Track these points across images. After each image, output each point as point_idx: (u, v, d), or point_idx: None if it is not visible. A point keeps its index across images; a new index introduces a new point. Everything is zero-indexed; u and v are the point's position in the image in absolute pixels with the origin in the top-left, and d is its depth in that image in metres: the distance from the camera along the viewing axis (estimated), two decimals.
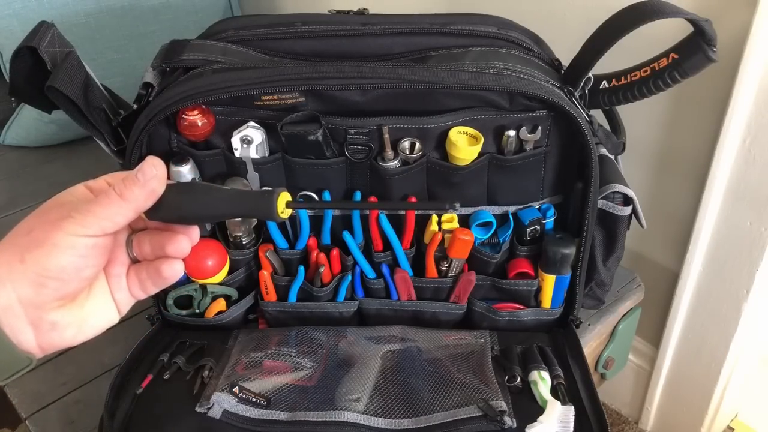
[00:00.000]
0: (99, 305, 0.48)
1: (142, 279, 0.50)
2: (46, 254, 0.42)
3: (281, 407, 0.69)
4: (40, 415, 0.81)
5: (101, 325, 0.49)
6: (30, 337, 0.44)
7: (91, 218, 0.44)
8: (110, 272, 0.49)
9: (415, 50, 0.74)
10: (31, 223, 0.44)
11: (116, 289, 0.50)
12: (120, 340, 0.90)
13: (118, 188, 0.45)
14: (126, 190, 0.45)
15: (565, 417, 0.67)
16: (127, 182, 0.45)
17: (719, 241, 0.99)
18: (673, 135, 0.99)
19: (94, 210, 0.44)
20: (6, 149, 1.40)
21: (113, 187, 0.45)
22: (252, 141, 0.70)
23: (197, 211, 0.49)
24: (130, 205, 0.45)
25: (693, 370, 1.13)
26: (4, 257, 0.42)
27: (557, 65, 0.74)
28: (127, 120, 0.71)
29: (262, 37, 0.75)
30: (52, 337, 0.45)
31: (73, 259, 0.43)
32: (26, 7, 1.27)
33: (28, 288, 0.42)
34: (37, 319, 0.43)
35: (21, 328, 0.43)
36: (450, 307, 0.80)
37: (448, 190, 0.73)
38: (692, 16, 0.62)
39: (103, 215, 0.44)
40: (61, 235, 0.43)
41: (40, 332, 0.44)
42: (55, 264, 0.42)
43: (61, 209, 0.44)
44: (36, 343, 0.44)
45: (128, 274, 0.50)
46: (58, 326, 0.45)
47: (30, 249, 0.42)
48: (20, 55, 0.68)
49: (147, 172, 0.46)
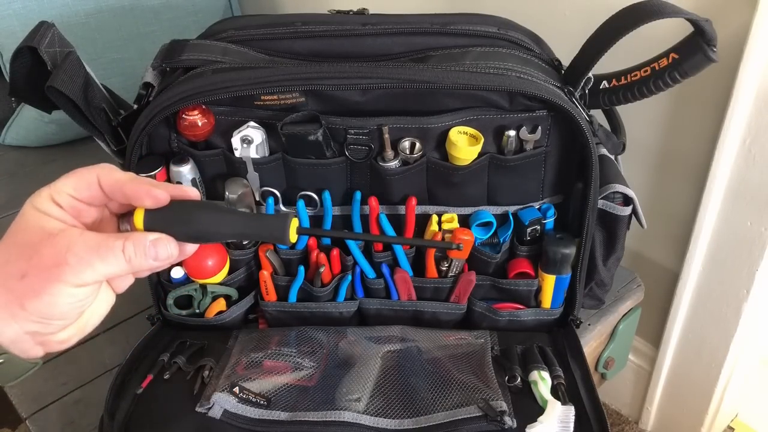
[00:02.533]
0: (98, 303, 0.48)
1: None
2: (46, 305, 0.42)
3: (281, 407, 0.69)
4: (40, 415, 0.81)
5: (102, 314, 0.49)
6: (39, 351, 0.45)
7: (89, 272, 0.43)
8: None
9: (415, 50, 0.74)
10: (22, 266, 0.42)
11: (113, 278, 0.49)
12: (120, 340, 0.90)
13: (128, 252, 0.44)
14: (135, 259, 0.44)
15: (565, 417, 0.67)
16: (138, 250, 0.44)
17: (719, 241, 0.99)
18: (673, 135, 0.99)
19: (93, 263, 0.43)
20: (6, 149, 1.39)
21: (123, 248, 0.44)
22: (252, 141, 0.70)
23: (209, 236, 0.49)
24: (130, 267, 0.45)
25: (693, 370, 1.13)
26: (2, 300, 0.42)
27: (557, 65, 0.74)
28: (127, 120, 0.71)
29: (262, 37, 0.75)
30: (59, 347, 0.46)
31: (73, 305, 0.43)
32: (26, 7, 1.27)
33: (34, 326, 0.43)
34: (46, 341, 0.45)
35: (30, 349, 0.44)
36: (450, 307, 0.80)
37: (448, 190, 0.73)
38: (692, 16, 0.62)
39: (101, 271, 0.43)
40: (59, 286, 0.42)
41: (49, 347, 0.45)
42: (56, 312, 0.43)
43: (53, 249, 0.42)
44: (43, 353, 0.46)
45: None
46: (66, 342, 0.46)
47: (28, 298, 0.42)
48: (20, 55, 0.68)
49: (161, 254, 0.46)
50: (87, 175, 0.46)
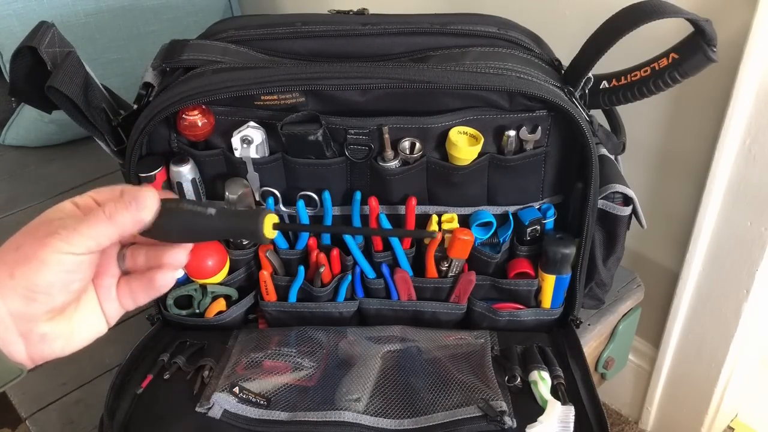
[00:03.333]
0: (87, 316, 0.49)
1: (133, 289, 0.51)
2: (35, 270, 0.43)
3: (281, 407, 0.69)
4: (40, 415, 0.81)
5: (89, 336, 0.50)
6: (20, 348, 0.45)
7: (77, 237, 0.44)
8: (100, 284, 0.50)
9: (415, 50, 0.74)
10: (19, 239, 0.44)
11: (105, 300, 0.50)
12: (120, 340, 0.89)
13: (108, 209, 0.45)
14: (115, 213, 0.45)
15: (565, 417, 0.67)
16: (118, 206, 0.46)
17: (719, 241, 0.99)
18: (673, 135, 0.99)
19: (80, 229, 0.44)
20: (6, 149, 1.39)
21: (103, 208, 0.46)
22: (252, 141, 0.70)
23: (185, 235, 0.49)
24: (116, 228, 0.46)
25: (693, 370, 1.13)
26: None
27: (557, 65, 0.74)
28: (127, 120, 0.71)
29: (262, 37, 0.75)
30: (42, 349, 0.46)
31: (61, 275, 0.44)
32: (26, 7, 1.27)
33: (19, 302, 0.43)
34: (28, 331, 0.44)
35: (12, 340, 0.44)
36: (450, 307, 0.80)
37: (448, 190, 0.73)
38: (692, 16, 0.62)
39: (88, 234, 0.44)
40: (48, 251, 0.43)
41: (30, 344, 0.45)
42: (43, 279, 0.43)
43: (48, 226, 0.45)
44: (26, 355, 0.45)
45: (119, 285, 0.51)
46: (48, 338, 0.45)
47: (18, 265, 0.43)
48: (20, 55, 0.68)
49: (140, 201, 0.46)
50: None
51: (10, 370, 0.45)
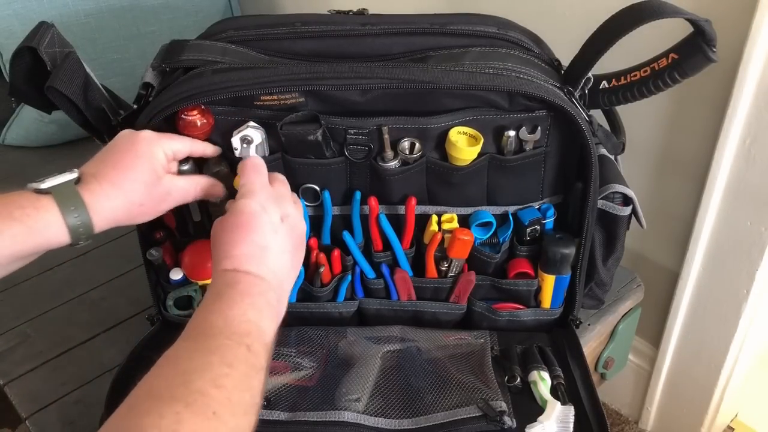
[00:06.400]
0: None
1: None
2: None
3: (281, 407, 0.69)
4: (40, 415, 0.81)
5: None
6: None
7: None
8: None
9: (415, 50, 0.73)
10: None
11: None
12: (120, 340, 0.90)
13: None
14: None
15: (565, 417, 0.67)
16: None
17: (719, 241, 0.99)
18: (673, 135, 0.99)
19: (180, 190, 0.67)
20: (6, 149, 1.39)
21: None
22: (252, 141, 0.70)
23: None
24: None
25: (693, 370, 1.13)
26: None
27: (557, 65, 0.74)
28: (127, 120, 0.71)
29: (262, 37, 0.75)
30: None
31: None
32: (26, 7, 1.27)
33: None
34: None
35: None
36: (450, 307, 0.80)
37: (448, 190, 0.73)
38: (692, 16, 0.62)
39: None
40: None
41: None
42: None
43: (162, 189, 0.64)
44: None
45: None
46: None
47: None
48: (20, 56, 0.68)
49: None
50: (184, 144, 0.67)
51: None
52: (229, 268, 0.55)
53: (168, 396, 0.44)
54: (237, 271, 0.55)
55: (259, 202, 0.59)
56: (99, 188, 0.58)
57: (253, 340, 0.50)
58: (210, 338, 0.49)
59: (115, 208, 0.59)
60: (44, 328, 0.94)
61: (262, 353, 0.51)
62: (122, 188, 0.59)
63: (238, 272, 0.55)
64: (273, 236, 0.58)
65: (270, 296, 0.55)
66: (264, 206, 0.58)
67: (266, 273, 0.56)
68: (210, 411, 0.43)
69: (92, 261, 1.04)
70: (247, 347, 0.49)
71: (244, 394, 0.47)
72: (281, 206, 0.60)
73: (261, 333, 0.52)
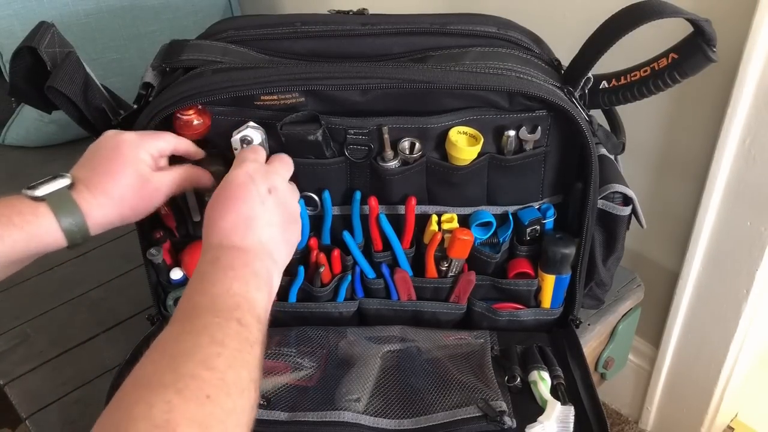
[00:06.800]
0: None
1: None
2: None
3: (281, 407, 0.69)
4: (40, 415, 0.81)
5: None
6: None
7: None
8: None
9: (415, 50, 0.73)
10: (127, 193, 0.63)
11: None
12: (120, 340, 0.90)
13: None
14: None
15: (565, 417, 0.67)
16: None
17: (719, 241, 0.99)
18: (673, 135, 0.99)
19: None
20: (6, 149, 1.39)
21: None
22: (252, 141, 0.70)
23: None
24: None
25: (693, 370, 1.13)
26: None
27: (557, 65, 0.74)
28: (126, 120, 0.71)
29: (262, 37, 0.75)
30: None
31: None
32: (26, 7, 1.27)
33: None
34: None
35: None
36: (450, 307, 0.80)
37: (448, 190, 0.73)
38: (692, 16, 0.62)
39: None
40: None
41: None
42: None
43: (150, 188, 0.64)
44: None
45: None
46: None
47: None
48: (20, 55, 0.68)
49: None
50: (168, 141, 0.66)
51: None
52: (215, 243, 0.55)
53: (157, 383, 0.42)
54: (221, 245, 0.55)
55: (246, 172, 0.59)
56: (91, 197, 0.59)
57: (243, 312, 0.49)
58: (196, 319, 0.48)
59: (108, 215, 0.60)
60: (44, 328, 0.94)
61: (254, 325, 0.49)
62: (113, 197, 0.60)
63: (222, 247, 0.55)
64: (260, 207, 0.57)
65: (257, 266, 0.54)
66: (251, 176, 0.59)
67: (251, 243, 0.55)
68: (203, 395, 0.42)
69: (92, 261, 1.04)
70: (237, 321, 0.48)
71: (240, 372, 0.45)
72: (269, 179, 0.60)
73: (251, 304, 0.51)
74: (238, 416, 0.43)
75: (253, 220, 0.57)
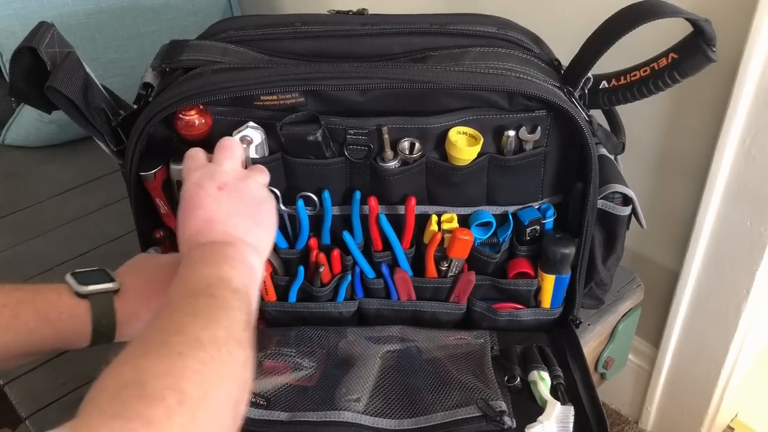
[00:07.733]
0: None
1: None
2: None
3: (281, 407, 0.69)
4: (40, 415, 0.81)
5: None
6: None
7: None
8: None
9: (415, 50, 0.74)
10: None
11: None
12: None
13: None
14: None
15: (565, 417, 0.67)
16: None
17: (719, 241, 0.99)
18: (673, 135, 0.99)
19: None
20: (6, 149, 1.39)
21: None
22: (252, 141, 0.70)
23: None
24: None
25: (693, 370, 1.13)
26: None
27: (557, 65, 0.74)
28: (126, 120, 0.71)
29: (262, 37, 0.75)
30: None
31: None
32: (26, 7, 1.27)
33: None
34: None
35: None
36: (450, 307, 0.80)
37: (448, 190, 0.73)
38: (692, 16, 0.62)
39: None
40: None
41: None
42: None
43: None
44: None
45: None
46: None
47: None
48: (20, 56, 0.68)
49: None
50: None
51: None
52: (185, 251, 0.56)
53: (128, 356, 0.44)
54: (191, 249, 0.55)
55: (192, 182, 0.59)
56: (135, 306, 0.59)
57: (216, 289, 0.49)
58: (168, 307, 0.48)
59: (139, 328, 0.58)
60: None
61: (228, 296, 0.49)
62: (151, 308, 0.60)
63: (191, 250, 0.55)
64: (215, 205, 0.58)
65: (227, 251, 0.55)
66: (198, 184, 0.59)
67: (217, 236, 0.56)
68: (174, 353, 0.42)
69: (92, 261, 1.04)
70: (209, 296, 0.48)
71: (215, 332, 0.45)
72: (215, 179, 0.60)
73: (224, 282, 0.51)
74: (217, 366, 0.43)
75: (212, 219, 0.57)
